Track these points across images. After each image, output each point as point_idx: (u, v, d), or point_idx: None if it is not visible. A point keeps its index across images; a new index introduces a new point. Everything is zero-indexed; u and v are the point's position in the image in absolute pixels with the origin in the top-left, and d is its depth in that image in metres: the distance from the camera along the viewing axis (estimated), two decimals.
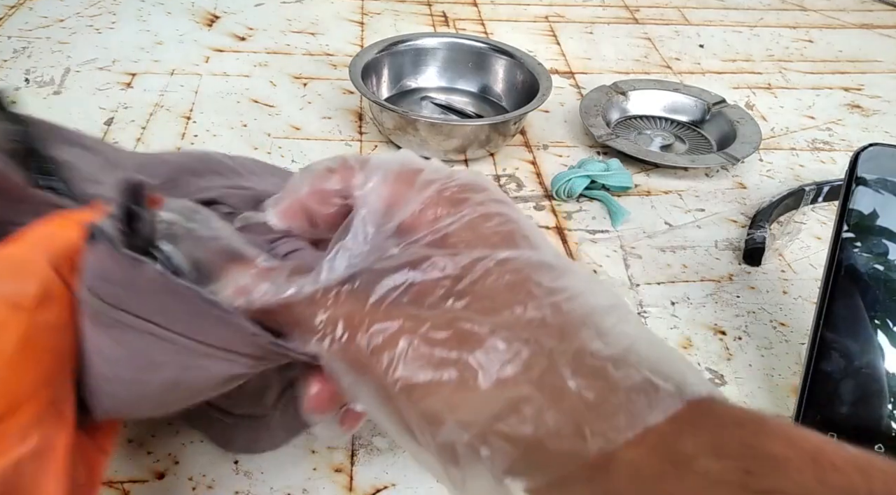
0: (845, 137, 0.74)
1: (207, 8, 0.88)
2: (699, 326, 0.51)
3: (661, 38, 0.90)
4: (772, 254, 0.57)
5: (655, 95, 0.74)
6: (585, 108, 0.70)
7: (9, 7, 0.83)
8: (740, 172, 0.67)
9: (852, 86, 0.83)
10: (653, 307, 0.52)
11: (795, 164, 0.69)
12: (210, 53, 0.79)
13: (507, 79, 0.73)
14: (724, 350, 0.49)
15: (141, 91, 0.71)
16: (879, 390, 0.42)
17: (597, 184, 0.62)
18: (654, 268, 0.55)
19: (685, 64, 0.85)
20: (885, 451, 0.41)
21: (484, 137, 0.63)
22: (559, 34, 0.89)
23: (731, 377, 0.47)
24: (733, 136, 0.68)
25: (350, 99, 0.73)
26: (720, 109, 0.72)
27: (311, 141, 0.66)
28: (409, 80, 0.74)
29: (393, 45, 0.72)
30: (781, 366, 0.48)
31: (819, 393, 0.42)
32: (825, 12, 1.02)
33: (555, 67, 0.81)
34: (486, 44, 0.74)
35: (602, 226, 0.59)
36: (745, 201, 0.63)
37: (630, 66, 0.84)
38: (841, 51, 0.91)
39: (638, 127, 0.72)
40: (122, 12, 0.85)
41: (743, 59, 0.87)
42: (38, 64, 0.73)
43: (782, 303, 0.53)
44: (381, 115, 0.64)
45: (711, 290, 0.54)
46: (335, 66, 0.78)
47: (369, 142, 0.67)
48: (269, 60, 0.78)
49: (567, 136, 0.70)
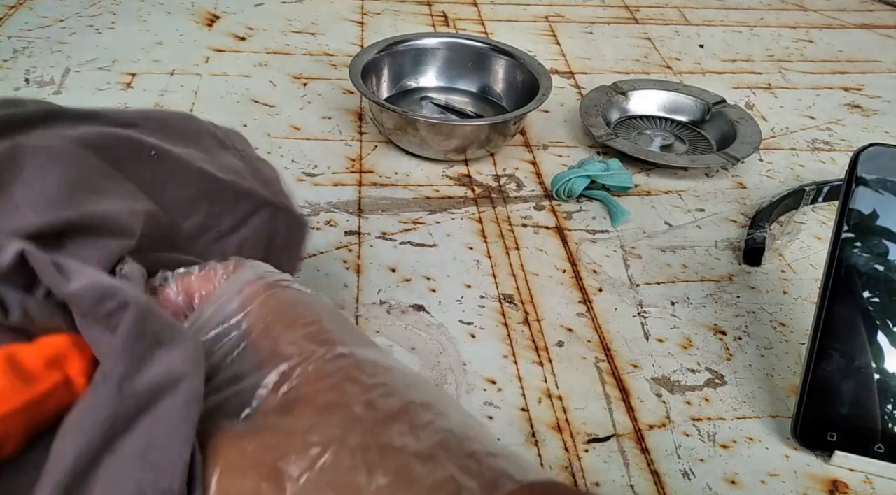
0: (845, 137, 0.74)
1: (207, 8, 0.88)
2: (699, 326, 0.51)
3: (661, 38, 0.90)
4: (772, 254, 0.57)
5: (655, 95, 0.74)
6: (585, 107, 0.70)
7: (9, 7, 0.83)
8: (740, 172, 0.67)
9: (852, 86, 0.83)
10: (653, 307, 0.52)
11: (795, 164, 0.69)
12: (210, 53, 0.79)
13: (507, 79, 0.73)
14: (724, 350, 0.49)
15: (141, 91, 0.71)
16: (879, 390, 0.42)
17: (597, 184, 0.62)
18: (654, 268, 0.55)
19: (685, 64, 0.85)
20: (884, 451, 0.41)
21: (484, 137, 0.63)
22: (559, 34, 0.89)
23: (731, 377, 0.47)
24: (733, 136, 0.68)
25: (350, 99, 0.73)
26: (720, 109, 0.72)
27: (311, 141, 0.66)
28: (409, 80, 0.74)
29: (393, 45, 0.72)
30: (781, 365, 0.48)
31: (819, 393, 0.42)
32: (825, 12, 1.02)
33: (555, 67, 0.81)
34: (486, 44, 0.74)
35: (602, 226, 0.59)
36: (745, 201, 0.63)
37: (630, 66, 0.84)
38: (841, 51, 0.91)
39: (638, 127, 0.72)
40: (122, 12, 0.85)
41: (743, 59, 0.87)
42: (38, 64, 0.73)
43: (782, 303, 0.53)
44: (381, 115, 0.64)
45: (711, 290, 0.54)
46: (335, 66, 0.78)
47: (369, 142, 0.67)
48: (269, 60, 0.78)
49: (567, 136, 0.70)
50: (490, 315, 0.50)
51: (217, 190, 0.36)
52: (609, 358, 0.48)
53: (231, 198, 0.37)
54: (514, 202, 0.61)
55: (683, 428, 0.44)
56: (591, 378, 0.46)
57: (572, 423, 0.44)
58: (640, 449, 0.42)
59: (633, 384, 0.46)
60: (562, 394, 0.45)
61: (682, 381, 0.47)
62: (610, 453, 0.42)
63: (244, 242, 0.37)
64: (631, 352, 0.48)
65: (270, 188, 0.39)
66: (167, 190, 0.34)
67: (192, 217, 0.35)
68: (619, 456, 0.42)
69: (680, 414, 0.45)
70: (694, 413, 0.45)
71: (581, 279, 0.54)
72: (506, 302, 0.51)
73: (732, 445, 0.43)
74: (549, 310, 0.51)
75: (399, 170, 0.64)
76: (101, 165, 0.32)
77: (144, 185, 0.33)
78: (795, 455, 0.43)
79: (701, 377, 0.47)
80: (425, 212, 0.59)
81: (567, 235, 0.58)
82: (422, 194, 0.61)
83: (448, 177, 0.63)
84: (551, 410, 0.44)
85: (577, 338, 0.49)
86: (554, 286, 0.53)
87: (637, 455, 0.42)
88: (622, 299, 0.52)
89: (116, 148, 0.33)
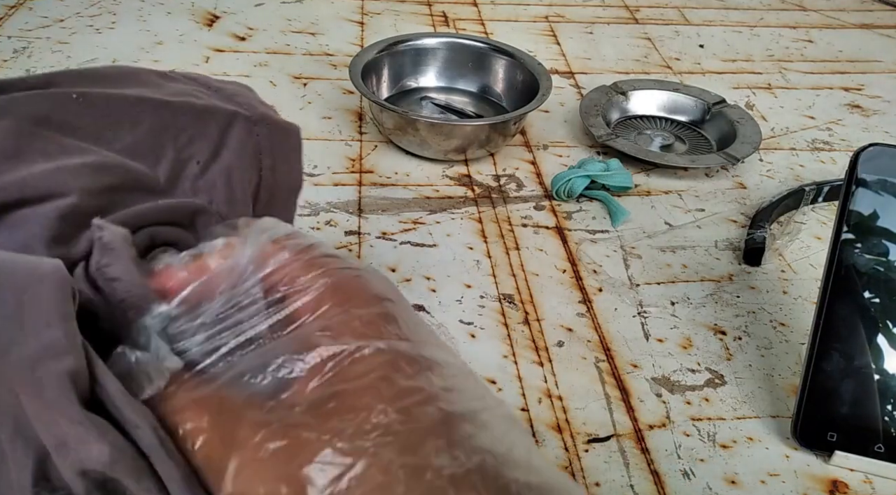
0: (845, 137, 0.74)
1: (207, 8, 0.88)
2: (699, 326, 0.51)
3: (661, 38, 0.90)
4: (772, 254, 0.57)
5: (655, 95, 0.74)
6: (585, 107, 0.70)
7: (9, 7, 0.83)
8: (740, 172, 0.67)
9: (852, 86, 0.83)
10: (653, 307, 0.52)
11: (795, 164, 0.69)
12: (210, 53, 0.79)
13: (507, 79, 0.73)
14: (724, 350, 0.49)
15: None
16: (879, 390, 0.42)
17: (597, 184, 0.62)
18: (654, 268, 0.56)
19: (685, 64, 0.85)
20: (884, 451, 0.41)
21: (484, 137, 0.63)
22: (559, 34, 0.89)
23: (731, 377, 0.47)
24: (733, 136, 0.68)
25: (350, 99, 0.73)
26: (720, 109, 0.72)
27: (311, 141, 0.66)
28: (409, 80, 0.74)
29: (393, 45, 0.72)
30: (781, 365, 0.48)
31: (819, 393, 0.42)
32: (825, 12, 1.02)
33: (555, 67, 0.81)
34: (486, 44, 0.74)
35: (602, 226, 0.59)
36: (745, 201, 0.63)
37: (630, 66, 0.84)
38: (841, 51, 0.91)
39: (638, 127, 0.72)
40: (122, 12, 0.85)
41: (743, 59, 0.87)
42: (38, 64, 0.73)
43: (782, 303, 0.53)
44: (381, 115, 0.64)
45: (711, 290, 0.54)
46: (335, 66, 0.78)
47: (369, 142, 0.67)
48: (269, 60, 0.78)
49: (567, 136, 0.70)
50: (490, 315, 0.50)
51: (172, 116, 0.32)
52: (609, 358, 0.48)
53: (192, 120, 0.32)
54: (514, 202, 0.61)
55: (683, 428, 0.44)
56: (591, 378, 0.46)
57: (572, 423, 0.44)
58: (640, 449, 0.42)
59: (633, 384, 0.46)
60: (562, 394, 0.45)
61: (682, 381, 0.47)
62: (610, 453, 0.42)
63: (232, 169, 0.33)
64: (631, 352, 0.48)
65: (236, 101, 0.35)
66: (118, 135, 0.30)
67: (161, 156, 0.31)
68: (619, 456, 0.42)
69: (680, 414, 0.45)
70: (694, 413, 0.45)
71: (581, 279, 0.54)
72: (506, 302, 0.51)
73: (732, 445, 0.43)
74: (549, 310, 0.51)
75: (399, 170, 0.64)
76: (15, 129, 0.28)
77: (90, 138, 0.30)
78: (795, 455, 0.43)
79: (701, 377, 0.47)
80: (425, 212, 0.59)
81: (567, 235, 0.58)
82: (422, 194, 0.61)
83: (448, 177, 0.63)
84: (551, 410, 0.44)
85: (577, 338, 0.49)
86: (554, 286, 0.53)
87: (637, 455, 0.42)
88: (622, 299, 0.52)
89: (37, 106, 0.29)
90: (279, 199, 0.36)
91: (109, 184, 0.28)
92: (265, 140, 0.35)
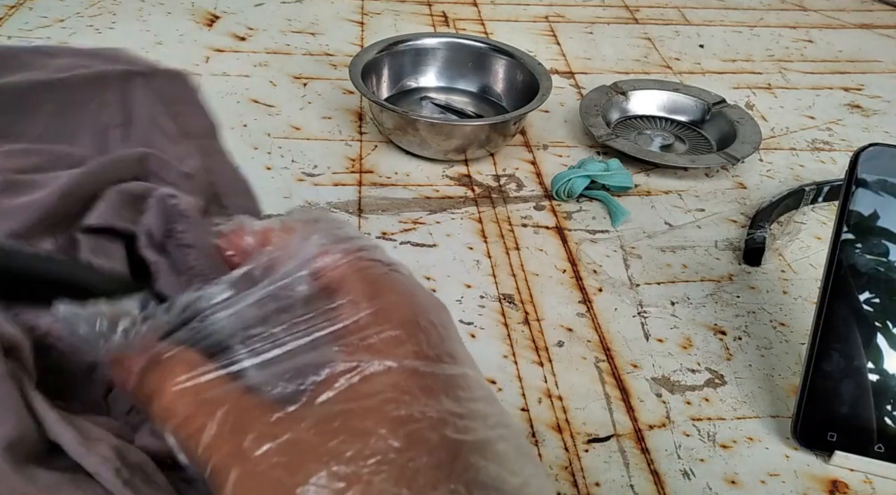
0: (845, 137, 0.74)
1: (207, 8, 0.88)
2: (699, 326, 0.51)
3: (661, 38, 0.90)
4: (772, 254, 0.57)
5: (655, 95, 0.74)
6: (585, 107, 0.70)
7: (9, 7, 0.83)
8: (740, 172, 0.67)
9: (852, 86, 0.83)
10: (653, 307, 0.52)
11: (795, 164, 0.69)
12: (210, 53, 0.79)
13: (507, 79, 0.73)
14: (724, 350, 0.49)
15: None
16: (879, 390, 0.42)
17: (597, 184, 0.62)
18: (654, 268, 0.56)
19: (685, 64, 0.85)
20: (884, 451, 0.41)
21: (484, 137, 0.63)
22: (559, 34, 0.89)
23: (731, 377, 0.47)
24: (733, 136, 0.68)
25: (350, 99, 0.73)
26: (720, 109, 0.72)
27: (311, 141, 0.66)
28: (409, 80, 0.74)
29: (393, 45, 0.72)
30: (781, 365, 0.48)
31: (819, 393, 0.42)
32: (825, 12, 1.02)
33: (555, 67, 0.81)
34: (486, 44, 0.74)
35: (602, 226, 0.59)
36: (745, 201, 0.63)
37: (630, 66, 0.84)
38: (841, 51, 0.91)
39: (638, 127, 0.72)
40: (122, 12, 0.85)
41: (743, 59, 0.87)
42: None
43: (782, 303, 0.53)
44: (381, 115, 0.64)
45: (711, 290, 0.54)
46: (335, 66, 0.78)
47: (369, 142, 0.67)
48: (269, 60, 0.78)
49: (567, 136, 0.70)
50: (490, 315, 0.50)
51: (67, 90, 0.32)
52: (609, 358, 0.48)
53: (90, 92, 0.32)
54: (514, 202, 0.61)
55: (683, 428, 0.44)
56: (591, 378, 0.46)
57: (572, 423, 0.44)
58: (640, 449, 0.42)
59: (633, 384, 0.46)
60: (562, 394, 0.45)
61: (682, 381, 0.47)
62: (610, 453, 0.42)
63: (149, 123, 0.33)
64: (631, 352, 0.48)
65: (121, 60, 0.35)
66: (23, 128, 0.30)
67: (77, 134, 0.31)
68: (619, 456, 0.42)
69: (680, 414, 0.45)
70: (694, 413, 0.45)
71: (581, 279, 0.54)
72: (506, 302, 0.51)
73: (732, 445, 0.43)
74: (549, 310, 0.51)
75: (399, 170, 0.64)
76: None
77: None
78: (795, 455, 0.43)
79: (701, 377, 0.47)
80: (425, 212, 0.59)
81: (567, 235, 0.58)
82: (422, 194, 0.61)
83: (448, 177, 0.63)
84: (551, 410, 0.44)
85: (577, 338, 0.49)
86: (554, 286, 0.53)
87: (637, 455, 0.42)
88: (622, 299, 0.52)
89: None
90: (199, 139, 0.37)
91: (35, 164, 0.28)
92: (165, 88, 0.35)
